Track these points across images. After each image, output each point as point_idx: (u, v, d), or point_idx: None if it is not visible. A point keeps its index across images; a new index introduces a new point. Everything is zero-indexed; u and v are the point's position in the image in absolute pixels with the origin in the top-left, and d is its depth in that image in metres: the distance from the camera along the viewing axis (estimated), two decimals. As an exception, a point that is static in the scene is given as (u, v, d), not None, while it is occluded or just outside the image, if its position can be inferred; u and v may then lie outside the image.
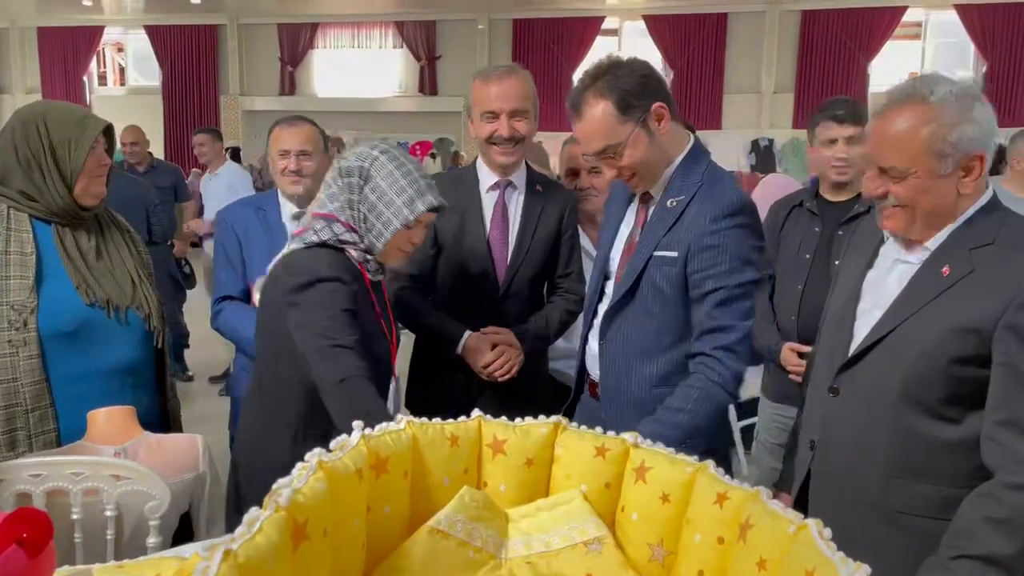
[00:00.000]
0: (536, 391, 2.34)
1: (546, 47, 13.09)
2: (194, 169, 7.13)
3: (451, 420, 1.27)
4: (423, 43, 14.06)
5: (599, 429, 1.30)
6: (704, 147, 1.87)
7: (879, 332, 1.53)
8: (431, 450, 1.21)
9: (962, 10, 12.05)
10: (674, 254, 1.75)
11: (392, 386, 1.92)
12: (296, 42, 14.42)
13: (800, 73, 12.88)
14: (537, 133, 2.36)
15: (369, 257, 1.81)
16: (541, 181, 2.37)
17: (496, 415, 1.32)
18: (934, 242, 1.51)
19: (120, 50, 15.75)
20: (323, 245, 1.76)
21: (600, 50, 13.09)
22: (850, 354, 1.58)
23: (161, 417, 2.14)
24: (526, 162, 2.37)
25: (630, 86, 1.73)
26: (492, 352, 2.21)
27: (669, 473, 1.19)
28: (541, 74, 11.99)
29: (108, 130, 2.01)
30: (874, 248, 1.65)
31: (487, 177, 2.30)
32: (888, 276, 1.59)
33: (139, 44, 15.13)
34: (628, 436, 1.26)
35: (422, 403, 2.29)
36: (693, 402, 1.69)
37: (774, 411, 2.71)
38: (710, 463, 1.17)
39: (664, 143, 1.78)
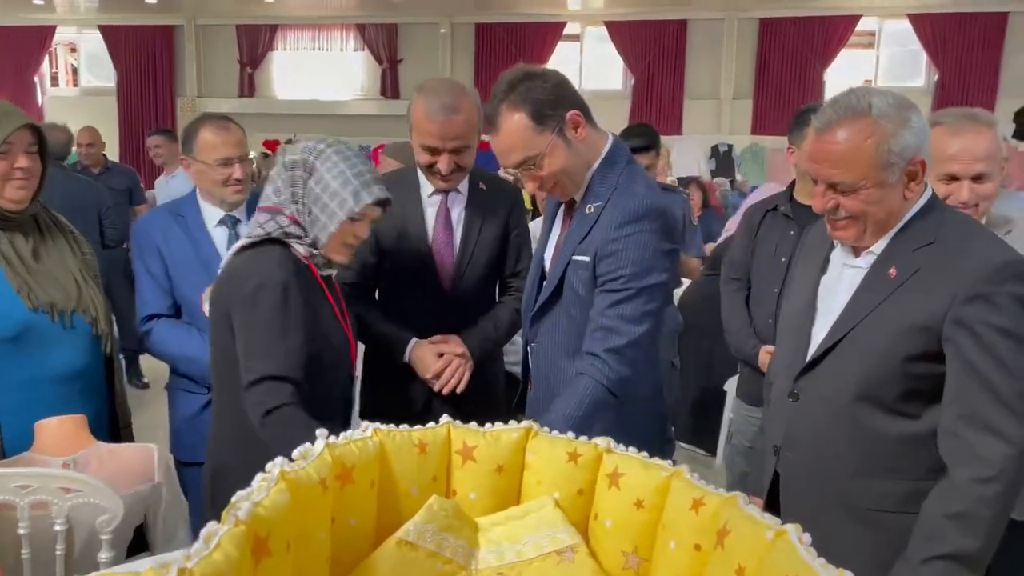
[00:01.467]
0: (491, 392, 2.30)
1: (508, 52, 13.05)
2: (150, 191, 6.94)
3: (419, 427, 1.23)
4: (384, 46, 13.95)
5: (570, 434, 1.27)
6: (622, 146, 1.87)
7: (834, 336, 1.56)
8: (399, 458, 1.17)
9: (915, 19, 12.30)
10: (587, 258, 1.79)
11: (356, 386, 1.89)
12: (255, 43, 14.21)
13: (758, 80, 13.04)
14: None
15: (315, 252, 1.77)
16: (484, 178, 2.28)
17: (454, 419, 1.29)
18: (879, 246, 1.55)
19: (73, 50, 15.39)
20: (268, 240, 1.72)
21: (562, 55, 13.13)
22: (807, 359, 1.60)
23: (111, 426, 2.08)
24: None
25: (543, 96, 1.74)
26: (439, 362, 2.12)
27: (643, 478, 1.16)
28: (503, 78, 11.90)
29: (41, 133, 1.91)
30: (825, 255, 1.68)
31: (428, 184, 2.19)
32: (839, 281, 1.62)
33: (92, 44, 14.79)
34: (600, 441, 1.23)
35: (379, 412, 2.24)
36: (584, 412, 1.70)
37: (748, 414, 2.72)
38: (685, 468, 1.15)
39: (582, 149, 1.80)
